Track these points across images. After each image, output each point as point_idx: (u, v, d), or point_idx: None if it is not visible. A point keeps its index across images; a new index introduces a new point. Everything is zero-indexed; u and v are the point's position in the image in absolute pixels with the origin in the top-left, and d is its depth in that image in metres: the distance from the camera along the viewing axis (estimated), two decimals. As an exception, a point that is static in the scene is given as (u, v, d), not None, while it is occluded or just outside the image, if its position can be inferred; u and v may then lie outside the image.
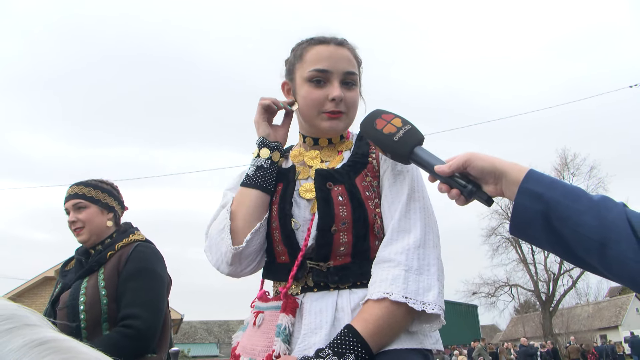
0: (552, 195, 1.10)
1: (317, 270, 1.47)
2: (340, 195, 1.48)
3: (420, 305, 1.34)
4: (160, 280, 2.46)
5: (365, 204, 1.49)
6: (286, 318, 1.44)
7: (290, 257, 1.50)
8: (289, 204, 1.53)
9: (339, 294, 1.45)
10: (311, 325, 1.41)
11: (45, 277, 21.80)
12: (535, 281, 41.45)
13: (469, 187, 1.29)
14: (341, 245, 1.46)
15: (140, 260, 2.43)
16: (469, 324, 35.52)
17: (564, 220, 1.08)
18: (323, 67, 1.57)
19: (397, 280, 1.36)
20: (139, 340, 2.20)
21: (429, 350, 1.44)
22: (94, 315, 2.32)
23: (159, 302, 2.40)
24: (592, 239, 1.04)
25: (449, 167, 1.30)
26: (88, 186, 2.60)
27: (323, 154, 1.65)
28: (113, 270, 2.41)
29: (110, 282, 2.38)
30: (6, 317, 1.06)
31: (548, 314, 40.34)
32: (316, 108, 1.58)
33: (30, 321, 1.09)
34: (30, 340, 1.05)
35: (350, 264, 1.47)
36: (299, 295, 1.49)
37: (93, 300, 2.34)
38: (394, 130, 1.42)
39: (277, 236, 1.53)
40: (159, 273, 2.47)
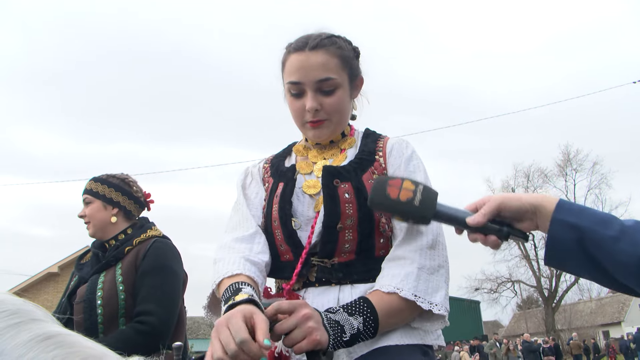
0: (584, 224, 1.11)
1: (321, 266, 1.47)
2: (347, 192, 1.48)
3: (428, 305, 1.37)
4: (176, 277, 2.47)
5: None
6: None
7: (294, 255, 1.50)
8: (289, 203, 1.53)
9: (341, 289, 1.46)
10: None
11: (48, 273, 21.86)
12: (538, 277, 41.39)
13: (505, 230, 1.25)
14: (346, 242, 1.47)
15: (157, 257, 2.45)
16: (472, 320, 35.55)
17: (599, 247, 1.09)
18: (295, 79, 1.55)
19: (409, 277, 1.38)
20: (152, 336, 2.21)
21: (429, 346, 1.46)
22: (111, 310, 2.34)
23: (174, 299, 2.42)
24: (629, 265, 1.05)
25: (483, 216, 1.25)
26: (97, 181, 2.63)
27: (326, 152, 1.65)
28: (131, 266, 2.43)
29: (128, 277, 2.40)
30: (12, 312, 1.07)
31: (551, 309, 40.30)
32: (299, 119, 1.60)
33: (36, 316, 1.10)
34: (36, 335, 1.06)
35: (354, 261, 1.48)
36: (301, 290, 1.49)
37: (110, 295, 2.35)
38: (410, 195, 1.31)
39: (279, 236, 1.54)
40: (175, 270, 2.48)
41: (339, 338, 1.27)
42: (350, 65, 1.61)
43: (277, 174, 1.64)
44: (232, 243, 1.53)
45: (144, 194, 2.77)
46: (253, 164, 1.78)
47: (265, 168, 1.72)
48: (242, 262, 1.44)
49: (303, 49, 1.55)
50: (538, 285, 41.47)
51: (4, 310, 1.06)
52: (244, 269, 1.41)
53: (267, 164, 1.73)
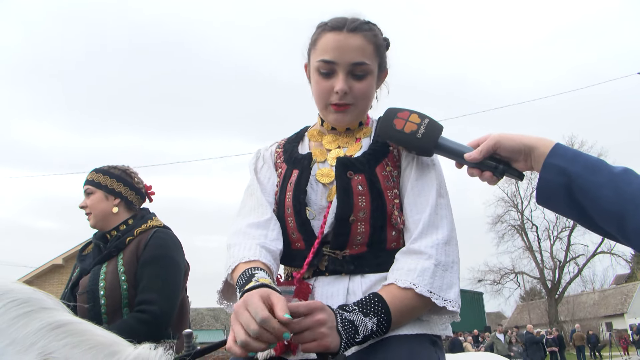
0: (574, 169, 1.16)
1: (332, 257, 1.47)
2: (360, 184, 1.47)
3: (442, 302, 1.37)
4: (177, 266, 2.49)
5: (385, 194, 1.49)
6: None
7: (305, 244, 1.49)
8: (304, 192, 1.52)
9: (351, 278, 1.45)
10: None
11: (53, 265, 21.95)
12: (541, 269, 41.41)
13: (501, 167, 1.34)
14: (358, 235, 1.46)
15: (158, 247, 2.46)
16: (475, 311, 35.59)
17: (585, 193, 1.14)
18: (329, 58, 1.52)
19: (425, 273, 1.37)
20: (154, 325, 2.23)
21: (438, 336, 1.46)
22: (114, 300, 2.36)
23: (175, 289, 2.44)
24: (610, 212, 1.10)
25: (479, 153, 1.34)
26: (98, 172, 2.63)
27: (341, 140, 1.63)
28: (132, 256, 2.44)
29: (130, 268, 2.41)
30: (23, 300, 1.08)
31: (554, 301, 40.34)
32: (323, 100, 1.56)
33: (47, 304, 1.11)
34: (47, 324, 1.07)
35: (366, 253, 1.47)
36: (311, 279, 1.49)
37: (113, 285, 2.37)
38: (415, 127, 1.42)
39: (291, 224, 1.52)
40: (176, 260, 2.50)
41: (352, 339, 1.28)
42: (381, 55, 1.60)
43: (291, 161, 1.62)
44: (247, 229, 1.51)
45: (145, 186, 2.78)
46: (265, 146, 1.75)
47: (278, 153, 1.69)
48: (258, 249, 1.42)
49: (341, 29, 1.52)
50: (541, 277, 41.50)
51: (14, 299, 1.07)
52: (260, 256, 1.40)
53: (280, 149, 1.70)
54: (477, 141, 1.37)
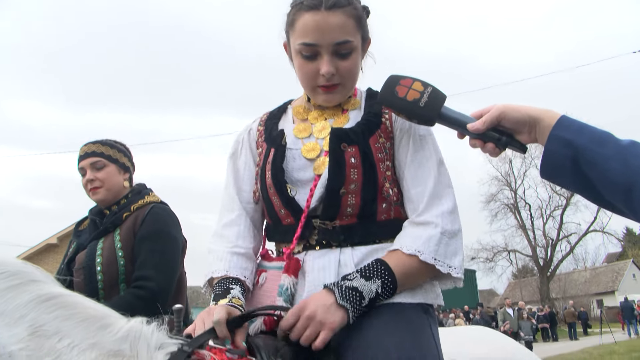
0: (580, 141, 1.14)
1: (322, 228, 1.47)
2: (353, 157, 1.46)
3: (447, 268, 1.40)
4: (174, 242, 2.48)
5: (377, 166, 1.48)
6: (288, 279, 1.45)
7: (294, 218, 1.49)
8: (281, 171, 1.51)
9: (342, 251, 1.45)
10: (315, 282, 1.42)
11: (47, 244, 21.92)
12: (534, 247, 41.76)
13: (504, 139, 1.30)
14: (348, 206, 1.46)
15: (156, 223, 2.44)
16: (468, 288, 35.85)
17: (591, 166, 1.12)
18: (310, 41, 1.47)
19: (430, 241, 1.39)
20: (151, 301, 2.22)
21: (430, 305, 1.46)
22: (111, 276, 2.35)
23: (173, 264, 2.43)
24: (617, 184, 1.08)
25: (482, 123, 1.31)
26: (105, 145, 2.59)
27: (327, 113, 1.61)
28: (129, 232, 2.42)
29: (127, 243, 2.40)
30: (12, 273, 1.06)
31: (545, 278, 40.76)
32: (309, 83, 1.54)
33: (36, 277, 1.10)
34: (37, 296, 1.06)
35: (356, 225, 1.47)
36: (301, 253, 1.49)
37: (110, 261, 2.36)
38: (417, 95, 1.38)
39: (276, 202, 1.52)
40: (173, 235, 2.48)
41: (358, 305, 1.31)
42: (362, 27, 1.55)
43: (270, 139, 1.60)
44: (221, 230, 1.61)
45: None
46: (246, 126, 1.74)
47: (259, 131, 1.68)
48: (228, 258, 1.53)
49: (319, 8, 1.45)
50: (533, 255, 41.87)
51: (3, 272, 1.06)
52: (230, 267, 1.51)
53: (261, 127, 1.68)
54: (480, 112, 1.34)
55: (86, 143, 2.59)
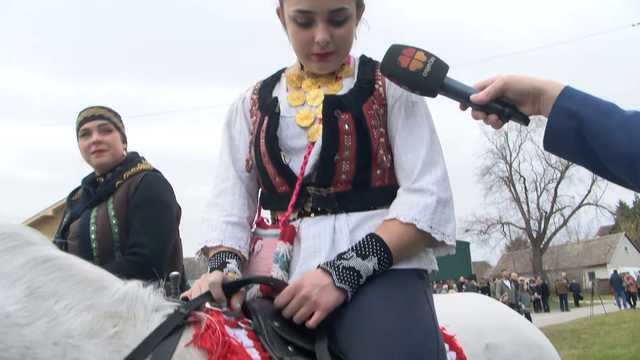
0: (585, 112, 1.13)
1: (317, 195, 1.47)
2: (347, 123, 1.45)
3: (441, 236, 1.41)
4: (168, 209, 2.47)
5: (371, 133, 1.47)
6: (284, 246, 1.45)
7: (289, 186, 1.49)
8: (275, 138, 1.50)
9: (336, 217, 1.46)
10: (310, 249, 1.43)
11: (43, 216, 21.90)
12: (527, 219, 42.04)
13: (507, 111, 1.29)
14: (343, 173, 1.46)
15: (149, 190, 2.44)
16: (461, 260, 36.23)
17: (595, 137, 1.11)
18: (305, 8, 1.43)
19: (427, 209, 1.40)
20: (145, 267, 2.22)
21: (424, 270, 1.47)
22: (106, 244, 2.35)
23: (167, 231, 2.43)
24: (622, 155, 1.08)
25: (486, 94, 1.29)
26: (111, 112, 2.58)
27: (321, 80, 1.60)
28: (122, 199, 2.42)
29: (120, 211, 2.39)
30: (8, 235, 1.06)
31: (538, 251, 41.15)
32: (303, 50, 1.52)
33: (33, 240, 1.09)
34: (33, 258, 1.06)
35: (350, 191, 1.47)
36: (296, 221, 1.49)
37: (104, 229, 2.36)
38: (420, 65, 1.36)
39: (271, 170, 1.52)
40: (167, 203, 2.48)
41: (356, 284, 1.33)
42: None
43: (264, 107, 1.59)
44: (216, 199, 1.61)
45: None
46: (240, 94, 1.73)
47: (253, 100, 1.67)
48: (223, 228, 1.54)
49: None
50: (527, 228, 42.19)
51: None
52: (224, 238, 1.52)
53: (255, 95, 1.67)
54: (483, 83, 1.32)
55: (92, 106, 2.57)
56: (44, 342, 0.98)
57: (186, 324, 1.14)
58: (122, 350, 1.03)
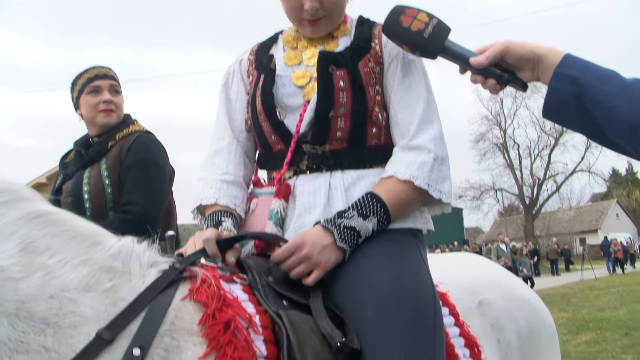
0: (585, 79, 1.12)
1: (312, 153, 1.46)
2: (342, 80, 1.44)
3: (438, 194, 1.41)
4: (161, 170, 2.46)
5: (366, 90, 1.46)
6: (278, 203, 1.45)
7: (285, 144, 1.49)
8: (271, 95, 1.49)
9: (332, 174, 1.45)
10: (305, 206, 1.43)
11: (37, 184, 21.78)
12: (520, 186, 42.33)
13: (505, 76, 1.28)
14: (338, 130, 1.45)
15: (141, 151, 2.42)
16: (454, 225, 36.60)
17: (595, 103, 1.10)
18: None
19: (424, 167, 1.40)
20: (138, 225, 2.19)
21: (419, 230, 1.48)
22: (99, 204, 2.34)
23: (160, 191, 2.42)
24: (622, 121, 1.07)
25: (486, 58, 1.28)
26: (115, 75, 2.57)
27: (317, 40, 1.58)
28: (115, 160, 2.40)
29: (113, 172, 2.38)
30: (0, 190, 1.05)
31: (530, 217, 41.54)
32: (294, 16, 1.50)
33: (25, 195, 1.09)
34: (26, 214, 1.05)
35: (346, 149, 1.47)
36: (292, 178, 1.49)
37: (97, 189, 2.35)
38: (422, 26, 1.35)
39: (266, 128, 1.52)
40: (160, 163, 2.47)
41: (355, 244, 1.33)
42: None
43: (260, 66, 1.58)
44: (211, 158, 1.61)
45: None
46: (237, 56, 1.72)
47: (250, 60, 1.66)
48: (218, 186, 1.54)
49: None
50: (520, 194, 42.51)
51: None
52: (219, 196, 1.52)
53: (252, 56, 1.66)
54: (484, 47, 1.31)
55: (101, 65, 2.56)
56: (39, 295, 0.98)
57: (181, 279, 1.15)
58: (118, 303, 1.03)
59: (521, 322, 1.70)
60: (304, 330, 1.10)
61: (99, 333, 0.97)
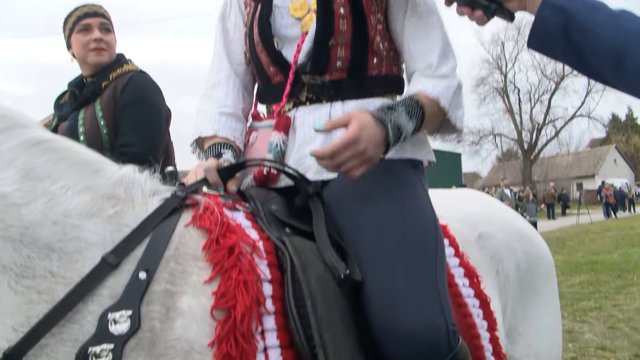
0: (573, 7, 1.08)
1: (312, 83, 1.44)
2: (342, 7, 1.41)
3: (454, 119, 1.43)
4: (157, 110, 2.42)
5: (367, 18, 1.43)
6: (278, 136, 1.44)
7: (284, 75, 1.46)
8: (268, 24, 1.47)
9: (332, 105, 1.43)
10: (305, 137, 1.42)
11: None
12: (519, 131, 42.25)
13: (492, 6, 1.24)
14: (338, 59, 1.42)
15: (137, 90, 2.37)
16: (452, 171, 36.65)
17: (583, 33, 1.07)
18: None
19: (449, 90, 1.41)
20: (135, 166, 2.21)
21: (420, 161, 1.48)
22: (95, 146, 2.29)
23: (156, 131, 2.39)
24: (608, 50, 1.05)
25: None
26: (107, 13, 2.49)
27: None
28: (109, 100, 2.36)
29: (108, 112, 2.34)
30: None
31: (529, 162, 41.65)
32: None
33: (24, 122, 1.07)
34: (25, 140, 1.04)
35: (346, 79, 1.44)
36: (291, 110, 1.47)
37: (92, 130, 2.32)
38: None
39: (264, 59, 1.49)
40: (155, 103, 2.43)
41: (398, 142, 1.31)
42: None
43: None
44: (209, 91, 1.60)
45: None
46: None
47: None
48: (217, 119, 1.53)
49: None
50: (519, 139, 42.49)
51: (-11, 116, 1.03)
52: (218, 128, 1.52)
53: None
54: None
55: (91, 3, 2.48)
56: (43, 221, 0.98)
57: (184, 207, 1.15)
58: (122, 229, 1.03)
59: (520, 255, 1.72)
60: (307, 255, 1.11)
61: (105, 257, 0.97)
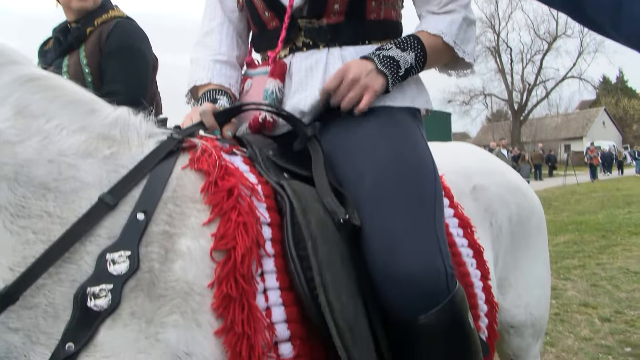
0: None
1: (308, 27, 1.40)
2: None
3: (462, 53, 1.45)
4: (143, 57, 2.36)
5: None
6: (273, 82, 1.40)
7: (280, 20, 1.42)
8: None
9: (329, 51, 1.40)
10: (302, 83, 1.39)
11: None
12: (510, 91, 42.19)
13: None
14: (335, 2, 1.38)
15: (122, 37, 2.30)
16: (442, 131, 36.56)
17: None
18: None
19: (453, 25, 1.43)
20: None
21: (418, 110, 1.46)
22: None
23: (142, 79, 2.34)
24: None
25: None
26: None
27: None
28: (94, 47, 2.29)
29: (93, 59, 2.28)
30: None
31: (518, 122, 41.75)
32: None
33: (17, 59, 1.04)
34: (18, 77, 1.01)
35: (343, 23, 1.40)
36: (287, 57, 1.44)
37: (76, 78, 2.25)
38: None
39: (259, 3, 1.45)
40: (142, 50, 2.36)
41: (396, 74, 1.35)
42: None
43: None
44: (203, 38, 1.57)
45: None
46: None
47: None
48: (211, 66, 1.51)
49: None
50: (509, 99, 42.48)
51: (-21, 51, 1.00)
52: (213, 75, 1.50)
53: None
54: None
55: None
56: (38, 159, 0.95)
57: (181, 149, 1.13)
58: (119, 170, 1.02)
59: (513, 207, 1.74)
60: (307, 198, 1.10)
61: (102, 197, 0.96)
